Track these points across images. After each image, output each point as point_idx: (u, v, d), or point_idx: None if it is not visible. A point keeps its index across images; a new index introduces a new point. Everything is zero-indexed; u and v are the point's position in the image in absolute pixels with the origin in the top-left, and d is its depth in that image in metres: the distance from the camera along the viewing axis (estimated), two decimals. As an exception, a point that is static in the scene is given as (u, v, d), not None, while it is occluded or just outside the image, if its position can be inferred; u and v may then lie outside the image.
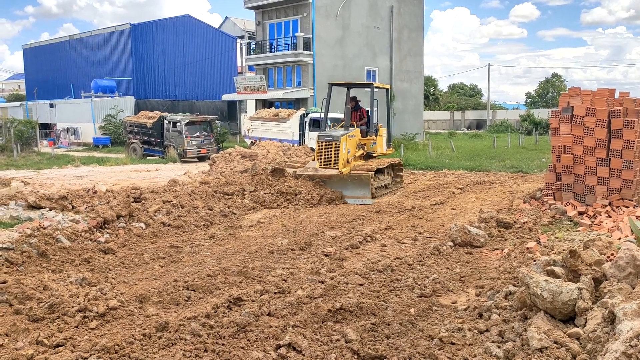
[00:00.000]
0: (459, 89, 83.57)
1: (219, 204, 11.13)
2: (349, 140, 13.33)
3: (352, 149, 13.45)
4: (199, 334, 4.71)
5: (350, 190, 12.40)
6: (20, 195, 12.38)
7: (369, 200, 12.23)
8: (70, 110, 39.60)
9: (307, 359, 4.26)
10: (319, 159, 13.19)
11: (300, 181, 12.57)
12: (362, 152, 14.10)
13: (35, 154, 28.09)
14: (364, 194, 12.30)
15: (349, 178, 12.45)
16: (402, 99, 37.19)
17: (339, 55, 33.35)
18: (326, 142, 13.18)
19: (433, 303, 5.59)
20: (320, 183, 12.68)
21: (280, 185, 12.35)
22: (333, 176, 12.58)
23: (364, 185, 12.33)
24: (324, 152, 13.09)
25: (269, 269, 6.98)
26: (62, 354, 4.28)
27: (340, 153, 12.90)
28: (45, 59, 49.28)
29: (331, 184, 12.63)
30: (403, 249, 8.05)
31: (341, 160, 12.90)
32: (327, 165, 13.03)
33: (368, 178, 12.28)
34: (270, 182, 12.60)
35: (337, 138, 12.99)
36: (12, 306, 5.45)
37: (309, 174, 12.79)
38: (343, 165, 12.90)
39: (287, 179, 12.67)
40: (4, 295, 5.65)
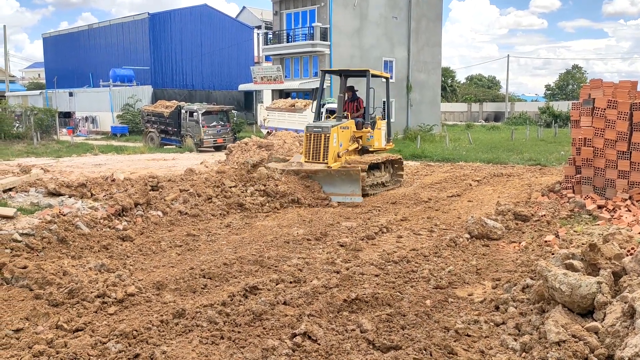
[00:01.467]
0: (477, 81, 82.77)
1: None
2: (341, 133, 12.19)
3: (344, 142, 12.31)
4: (215, 321, 4.75)
5: (338, 187, 11.17)
6: (40, 183, 12.56)
7: (358, 198, 11.02)
8: (89, 99, 40.03)
9: (323, 348, 4.27)
10: (306, 152, 12.01)
11: (284, 178, 11.26)
12: (356, 146, 12.91)
13: (55, 142, 28.45)
14: (354, 191, 11.02)
15: (336, 173, 11.23)
16: (420, 90, 36.92)
17: (356, 46, 33.16)
18: (315, 134, 11.94)
19: (449, 295, 5.57)
20: (305, 179, 11.45)
21: (264, 183, 10.94)
22: (319, 171, 11.36)
23: (353, 182, 11.06)
24: (313, 145, 11.90)
25: (285, 259, 7.01)
26: (81, 339, 4.35)
27: (330, 146, 11.73)
28: (64, 48, 49.75)
29: (317, 179, 11.42)
30: (419, 241, 8.03)
31: (331, 154, 11.75)
32: (315, 160, 11.85)
33: (358, 174, 11.04)
34: (252, 179, 11.21)
35: (327, 130, 11.77)
36: (33, 291, 5.54)
37: (292, 169, 11.57)
38: (333, 160, 11.80)
39: (270, 176, 11.25)
40: (24, 280, 5.75)
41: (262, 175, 11.09)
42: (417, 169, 17.41)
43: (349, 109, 13.49)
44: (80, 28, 49.64)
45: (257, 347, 4.32)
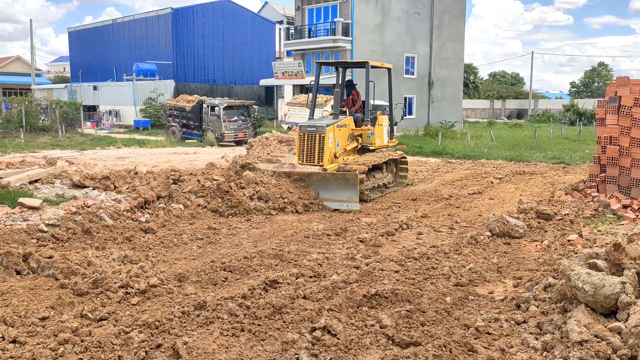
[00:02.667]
0: (499, 77, 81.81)
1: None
2: (338, 132, 11.19)
3: (341, 141, 11.34)
4: (236, 313, 4.80)
5: (333, 192, 10.08)
6: (65, 175, 12.80)
7: (355, 205, 9.95)
8: (112, 93, 40.54)
9: (342, 342, 4.29)
10: (300, 154, 11.01)
11: (275, 181, 10.20)
12: (355, 145, 11.90)
13: (79, 135, 28.91)
14: (350, 197, 9.95)
15: (332, 177, 10.16)
16: (441, 87, 36.64)
17: (378, 42, 33.02)
18: (308, 133, 10.88)
19: (469, 292, 5.54)
20: (297, 182, 10.34)
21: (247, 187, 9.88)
22: (313, 174, 10.29)
23: (350, 187, 9.96)
24: (306, 146, 10.89)
25: (305, 253, 7.04)
26: (105, 328, 4.43)
27: (325, 147, 10.73)
28: (89, 42, 50.44)
29: (311, 183, 10.28)
30: (439, 238, 7.99)
31: (326, 155, 10.76)
32: (309, 162, 10.86)
33: (355, 177, 9.96)
34: (240, 183, 10.13)
35: (322, 129, 10.75)
36: (58, 280, 5.66)
37: (284, 171, 10.48)
38: (329, 162, 10.84)
39: (256, 179, 10.18)
40: (50, 270, 5.87)
41: (249, 179, 10.01)
42: (437, 166, 17.30)
43: (348, 104, 12.58)
44: (104, 22, 50.27)
45: (277, 340, 4.35)
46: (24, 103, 30.37)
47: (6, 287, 5.41)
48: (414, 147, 23.27)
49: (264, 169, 10.57)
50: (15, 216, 8.06)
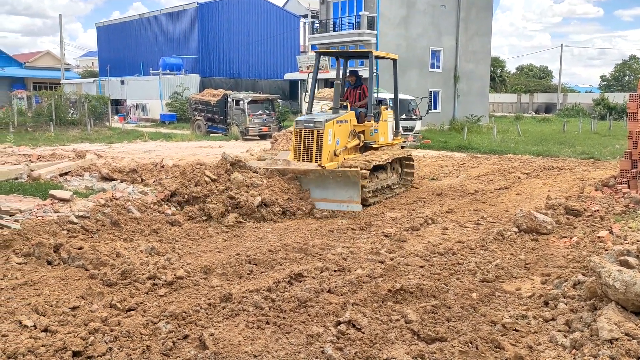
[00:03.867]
0: (527, 71, 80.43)
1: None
2: (338, 128, 10.25)
3: (342, 138, 10.40)
4: (261, 306, 4.83)
5: (331, 192, 9.10)
6: (94, 168, 13.04)
7: (356, 205, 9.01)
8: (139, 87, 41.11)
9: (367, 336, 4.29)
10: (296, 152, 10.14)
11: (267, 181, 9.19)
12: (357, 143, 10.91)
13: (107, 129, 29.38)
14: (351, 196, 8.98)
15: (330, 175, 9.14)
16: (467, 81, 36.20)
17: (403, 35, 32.74)
18: (306, 129, 10.00)
19: (496, 289, 5.47)
20: (292, 181, 9.36)
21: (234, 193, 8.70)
22: (310, 171, 9.30)
23: (351, 185, 8.97)
24: (303, 143, 10.00)
25: (329, 247, 7.05)
26: (133, 318, 4.51)
27: (324, 145, 9.83)
28: (117, 37, 51.18)
29: (306, 182, 9.33)
30: (465, 233, 7.91)
31: (325, 153, 9.89)
32: (306, 160, 10.01)
33: (356, 175, 8.88)
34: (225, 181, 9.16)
35: (320, 125, 9.85)
36: (88, 271, 5.77)
37: (277, 168, 9.49)
38: (328, 160, 9.98)
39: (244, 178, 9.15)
40: (80, 261, 5.99)
41: (238, 182, 8.93)
42: (463, 160, 17.12)
43: (350, 97, 11.61)
44: (131, 17, 50.91)
45: (302, 333, 4.37)
46: (53, 97, 31.00)
47: (38, 277, 5.54)
48: (439, 142, 23.08)
49: (256, 167, 9.58)
50: (46, 208, 8.25)
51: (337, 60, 11.87)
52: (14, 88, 48.43)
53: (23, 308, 4.71)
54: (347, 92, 11.61)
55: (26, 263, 6.04)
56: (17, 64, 58.03)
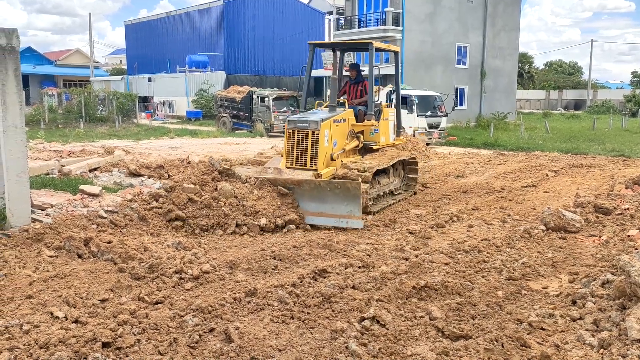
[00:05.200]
0: (556, 67, 78.96)
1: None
2: (335, 128, 9.21)
3: (339, 139, 9.37)
4: (286, 301, 4.87)
5: (329, 205, 8.00)
6: (122, 164, 13.28)
7: (357, 221, 7.88)
8: (166, 84, 41.62)
9: (391, 333, 4.29)
10: (289, 155, 9.05)
11: (257, 191, 8.16)
12: (356, 144, 9.89)
13: (135, 125, 29.86)
14: (351, 211, 7.88)
15: (328, 186, 8.03)
16: (494, 77, 35.73)
17: (429, 31, 32.47)
18: (299, 130, 8.95)
19: (522, 287, 5.41)
20: (283, 193, 8.22)
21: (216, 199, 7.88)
22: (304, 182, 8.18)
23: (351, 198, 7.85)
24: (297, 145, 8.97)
25: (353, 244, 7.06)
26: (161, 311, 4.59)
27: (319, 147, 8.78)
28: (144, 35, 51.87)
29: (300, 193, 8.19)
30: (491, 231, 7.83)
31: (321, 157, 8.82)
32: (300, 165, 8.91)
33: (358, 187, 7.82)
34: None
35: (315, 124, 8.80)
36: (117, 264, 5.89)
37: (268, 178, 8.43)
38: (325, 165, 8.92)
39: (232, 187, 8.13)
40: (109, 254, 6.11)
41: (226, 192, 7.97)
42: (489, 158, 16.93)
43: (351, 93, 10.51)
44: (158, 16, 51.53)
45: (326, 328, 4.39)
46: (83, 94, 31.65)
47: (69, 270, 5.68)
48: (465, 139, 22.86)
49: (246, 175, 8.63)
50: (76, 202, 8.44)
51: (333, 52, 10.85)
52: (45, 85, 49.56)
53: (54, 300, 4.83)
54: (346, 88, 10.62)
55: (57, 256, 6.19)
56: (48, 62, 59.37)
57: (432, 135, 21.08)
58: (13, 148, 7.05)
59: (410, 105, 21.11)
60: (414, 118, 20.92)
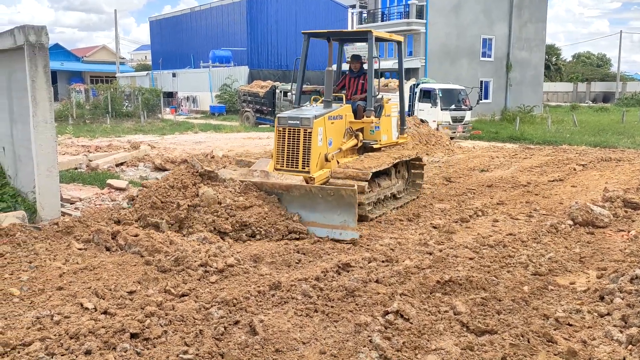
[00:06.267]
0: (584, 59, 77.26)
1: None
2: (330, 126, 8.35)
3: (335, 138, 8.52)
4: (310, 295, 4.89)
5: (321, 214, 7.11)
6: (147, 158, 13.47)
7: (352, 233, 6.93)
8: (190, 80, 41.98)
9: (415, 327, 4.28)
10: (278, 156, 8.24)
11: (243, 197, 7.29)
12: (355, 144, 9.01)
13: (159, 121, 30.19)
14: (346, 221, 6.95)
15: (319, 192, 7.13)
16: (520, 69, 35.17)
17: (453, 24, 32.09)
18: (290, 128, 8.11)
19: (549, 282, 5.35)
20: (271, 198, 7.35)
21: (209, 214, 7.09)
22: (294, 187, 7.30)
23: (345, 207, 6.94)
24: (287, 145, 8.14)
25: (377, 238, 7.05)
26: (187, 303, 4.65)
27: (312, 147, 7.96)
28: (168, 31, 52.36)
29: (289, 200, 7.33)
30: (516, 225, 7.74)
31: (314, 158, 8.01)
32: (291, 167, 8.10)
33: (352, 195, 6.86)
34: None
35: (308, 122, 7.96)
36: (143, 257, 5.98)
37: (254, 181, 7.56)
38: (319, 167, 8.12)
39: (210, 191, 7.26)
40: (136, 247, 6.22)
41: (208, 197, 7.14)
42: (515, 151, 16.71)
43: (351, 87, 9.64)
44: (183, 11, 51.96)
45: (350, 322, 4.40)
46: (109, 90, 32.11)
47: (97, 262, 5.79)
48: (490, 132, 22.60)
49: (230, 178, 7.75)
50: (104, 196, 8.60)
51: (329, 42, 9.70)
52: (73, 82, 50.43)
53: (84, 291, 4.94)
54: (346, 81, 9.73)
55: (86, 249, 6.32)
56: (76, 59, 60.33)
57: (456, 129, 20.88)
58: (43, 143, 7.21)
59: (434, 99, 20.95)
60: (438, 112, 20.76)
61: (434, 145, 16.94)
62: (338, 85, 9.70)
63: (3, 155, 9.20)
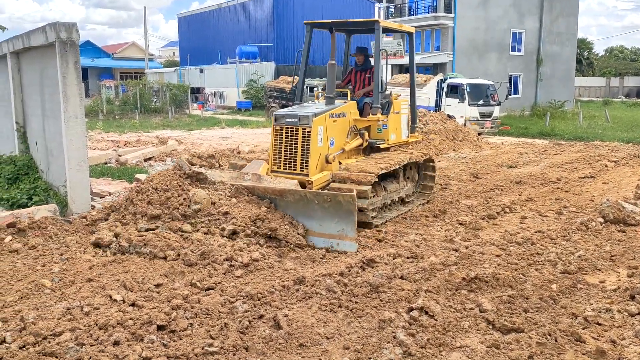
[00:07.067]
0: (617, 53, 75.36)
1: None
2: (332, 124, 7.73)
3: (337, 137, 7.88)
4: (334, 290, 4.89)
5: (317, 222, 6.50)
6: (175, 153, 13.65)
7: (350, 244, 6.30)
8: (217, 76, 42.32)
9: (440, 324, 4.25)
10: (275, 157, 7.64)
11: (234, 200, 6.75)
12: (360, 143, 8.34)
13: (187, 116, 30.56)
14: (343, 230, 6.33)
15: (315, 198, 6.48)
16: (551, 64, 34.47)
17: (482, 17, 31.60)
18: (287, 127, 7.51)
19: (578, 280, 5.24)
20: (264, 203, 6.75)
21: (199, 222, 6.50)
22: (287, 192, 6.69)
23: (343, 215, 6.31)
24: (284, 145, 7.54)
25: (402, 234, 7.02)
26: (212, 297, 4.71)
27: (311, 147, 7.34)
28: (196, 27, 52.85)
29: (284, 207, 6.72)
30: (545, 223, 7.61)
31: (313, 160, 7.37)
32: (288, 169, 7.52)
33: (351, 201, 6.23)
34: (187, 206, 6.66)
35: (306, 120, 7.34)
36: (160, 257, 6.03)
37: (245, 185, 6.99)
38: (318, 169, 7.48)
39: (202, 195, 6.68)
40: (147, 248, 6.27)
41: (200, 198, 6.61)
42: (544, 147, 16.42)
43: (357, 82, 9.09)
44: (210, 8, 52.35)
45: (374, 317, 4.39)
46: (138, 86, 32.62)
47: (125, 256, 5.90)
48: (519, 128, 22.26)
49: (220, 181, 7.14)
50: (132, 191, 8.72)
51: (331, 33, 8.85)
52: (103, 78, 51.39)
53: (113, 283, 5.04)
54: (352, 76, 9.20)
55: (115, 242, 6.42)
56: (106, 55, 61.43)
57: (484, 125, 20.60)
58: (74, 138, 7.36)
59: (462, 94, 20.70)
60: (465, 107, 20.50)
61: (461, 141, 16.74)
62: (344, 80, 9.25)
63: (36, 150, 9.43)
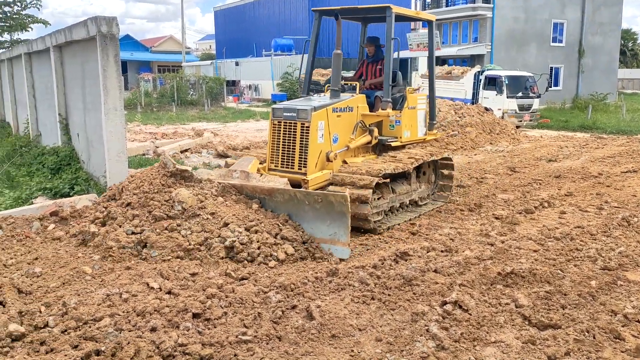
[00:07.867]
0: (664, 43, 72.46)
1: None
2: (335, 119, 7.21)
3: (341, 133, 7.35)
4: (367, 282, 4.89)
5: (308, 224, 6.01)
6: (210, 145, 13.84)
7: (342, 249, 5.79)
8: (252, 68, 42.60)
9: (474, 318, 4.20)
10: (272, 154, 7.16)
11: (221, 199, 6.24)
12: (368, 140, 7.75)
13: (222, 109, 30.88)
14: (336, 234, 5.83)
15: (305, 198, 5.99)
16: (593, 55, 33.45)
17: (522, 7, 30.86)
18: (285, 121, 7.02)
19: (618, 277, 5.09)
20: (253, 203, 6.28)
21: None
22: (276, 192, 6.20)
23: (336, 217, 5.81)
24: (282, 141, 7.05)
25: (436, 227, 6.95)
26: (246, 287, 4.77)
27: (310, 144, 6.83)
28: (232, 20, 53.25)
29: (274, 207, 6.26)
30: (585, 218, 7.41)
31: (312, 157, 6.87)
32: (286, 167, 7.02)
33: (344, 202, 5.69)
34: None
35: (305, 114, 6.82)
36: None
37: (233, 184, 6.53)
38: (318, 168, 7.00)
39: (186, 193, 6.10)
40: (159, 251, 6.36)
41: (184, 198, 6.01)
42: (586, 141, 15.96)
43: (369, 74, 8.59)
44: (246, 1, 52.66)
45: (407, 310, 4.37)
46: (175, 79, 33.14)
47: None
48: (559, 121, 21.72)
49: (208, 178, 6.67)
50: (169, 181, 8.89)
51: (336, 20, 8.26)
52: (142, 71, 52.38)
53: (150, 272, 5.15)
54: (363, 68, 8.72)
55: (152, 231, 6.56)
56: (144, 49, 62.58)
57: (522, 118, 20.17)
58: (113, 129, 7.54)
59: (500, 87, 20.32)
60: (504, 100, 20.12)
61: (499, 134, 16.44)
62: (356, 73, 8.85)
63: (77, 141, 9.70)
